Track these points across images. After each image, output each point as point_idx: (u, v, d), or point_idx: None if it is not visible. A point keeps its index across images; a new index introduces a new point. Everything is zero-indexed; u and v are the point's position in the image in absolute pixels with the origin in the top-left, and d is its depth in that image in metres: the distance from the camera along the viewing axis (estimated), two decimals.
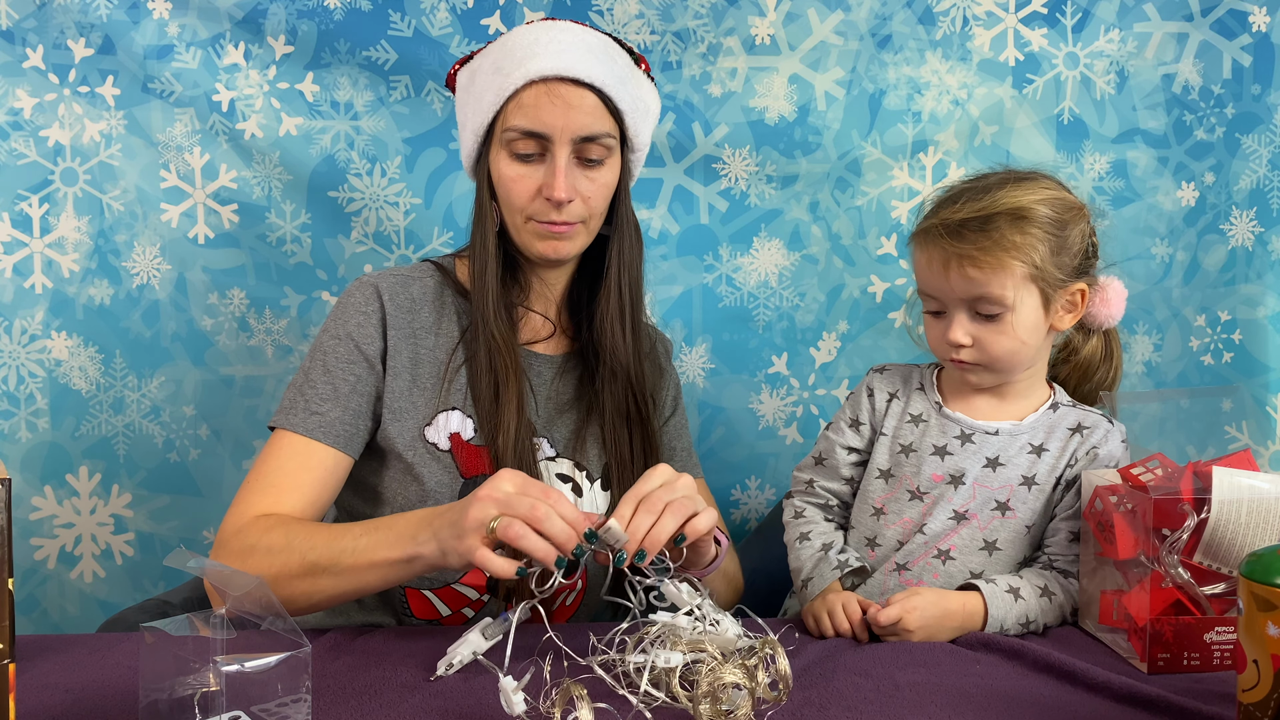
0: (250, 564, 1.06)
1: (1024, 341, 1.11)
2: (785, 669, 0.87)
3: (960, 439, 1.16)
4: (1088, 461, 1.13)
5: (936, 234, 1.09)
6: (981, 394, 1.18)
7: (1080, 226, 1.12)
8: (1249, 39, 1.79)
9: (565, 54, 1.19)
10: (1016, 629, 1.10)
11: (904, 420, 1.19)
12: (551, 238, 1.22)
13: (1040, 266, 1.08)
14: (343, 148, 1.71)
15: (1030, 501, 1.14)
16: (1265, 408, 1.83)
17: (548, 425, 1.29)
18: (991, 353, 1.11)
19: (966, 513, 1.14)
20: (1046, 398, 1.19)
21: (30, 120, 1.67)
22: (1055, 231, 1.09)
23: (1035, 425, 1.16)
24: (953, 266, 1.08)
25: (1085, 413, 1.17)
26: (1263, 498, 1.00)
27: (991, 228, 1.07)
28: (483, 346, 1.23)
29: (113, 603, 1.70)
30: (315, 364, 1.22)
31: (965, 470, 1.14)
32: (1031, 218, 1.08)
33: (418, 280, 1.29)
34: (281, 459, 1.17)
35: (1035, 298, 1.10)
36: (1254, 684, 0.78)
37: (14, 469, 1.68)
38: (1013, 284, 1.08)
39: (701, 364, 1.79)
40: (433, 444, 1.22)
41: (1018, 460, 1.14)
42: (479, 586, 1.25)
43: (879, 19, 1.76)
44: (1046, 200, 1.10)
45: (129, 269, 1.70)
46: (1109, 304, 1.18)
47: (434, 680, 0.95)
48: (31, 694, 0.92)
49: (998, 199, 1.08)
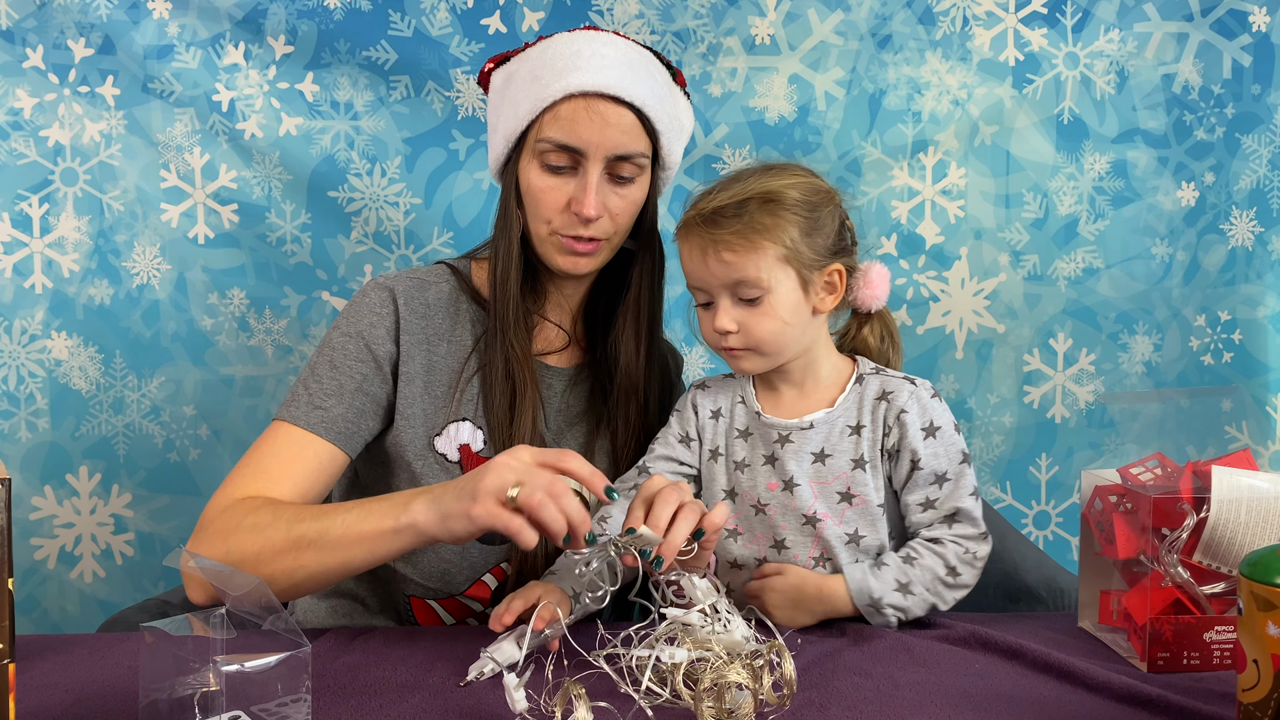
0: (234, 541, 1.04)
1: (786, 322, 1.12)
2: (791, 673, 0.87)
3: (780, 441, 1.16)
4: (898, 427, 1.13)
5: (694, 224, 1.12)
6: (785, 389, 1.19)
7: (829, 209, 1.14)
8: (1249, 39, 1.79)
9: (608, 70, 1.17)
10: (896, 598, 1.10)
11: (732, 436, 1.19)
12: (573, 254, 1.21)
13: (792, 247, 1.10)
14: (343, 148, 1.71)
15: (871, 481, 1.14)
16: (1265, 408, 1.83)
17: (558, 438, 1.28)
18: (756, 335, 1.12)
19: (816, 514, 1.14)
20: (850, 373, 1.19)
21: (30, 120, 1.67)
22: (806, 213, 1.11)
23: (846, 405, 1.16)
24: (710, 253, 1.11)
25: (887, 378, 1.17)
26: (1262, 497, 1.00)
27: (744, 212, 1.10)
28: (500, 357, 1.21)
29: (113, 603, 1.70)
30: (322, 359, 1.20)
31: (793, 473, 1.14)
32: (781, 200, 1.10)
33: (434, 285, 1.26)
34: (277, 447, 1.15)
35: (792, 279, 1.12)
36: (1254, 684, 0.78)
37: (14, 469, 1.68)
38: (766, 265, 1.10)
39: (701, 364, 1.79)
40: (442, 454, 1.21)
41: (841, 446, 1.15)
42: (483, 599, 1.24)
43: (879, 19, 1.76)
44: (796, 185, 1.12)
45: (129, 269, 1.71)
46: (872, 285, 1.19)
47: (464, 685, 0.95)
48: (31, 694, 0.92)
49: (749, 185, 1.11)
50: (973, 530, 1.12)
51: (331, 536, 1.01)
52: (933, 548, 1.12)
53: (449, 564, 1.23)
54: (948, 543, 1.12)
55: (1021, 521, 1.84)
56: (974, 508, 1.13)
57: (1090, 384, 1.83)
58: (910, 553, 1.12)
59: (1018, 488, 1.84)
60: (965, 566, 1.12)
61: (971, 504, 1.12)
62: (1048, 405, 1.83)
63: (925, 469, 1.12)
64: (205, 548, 1.06)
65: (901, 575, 1.10)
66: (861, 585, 1.10)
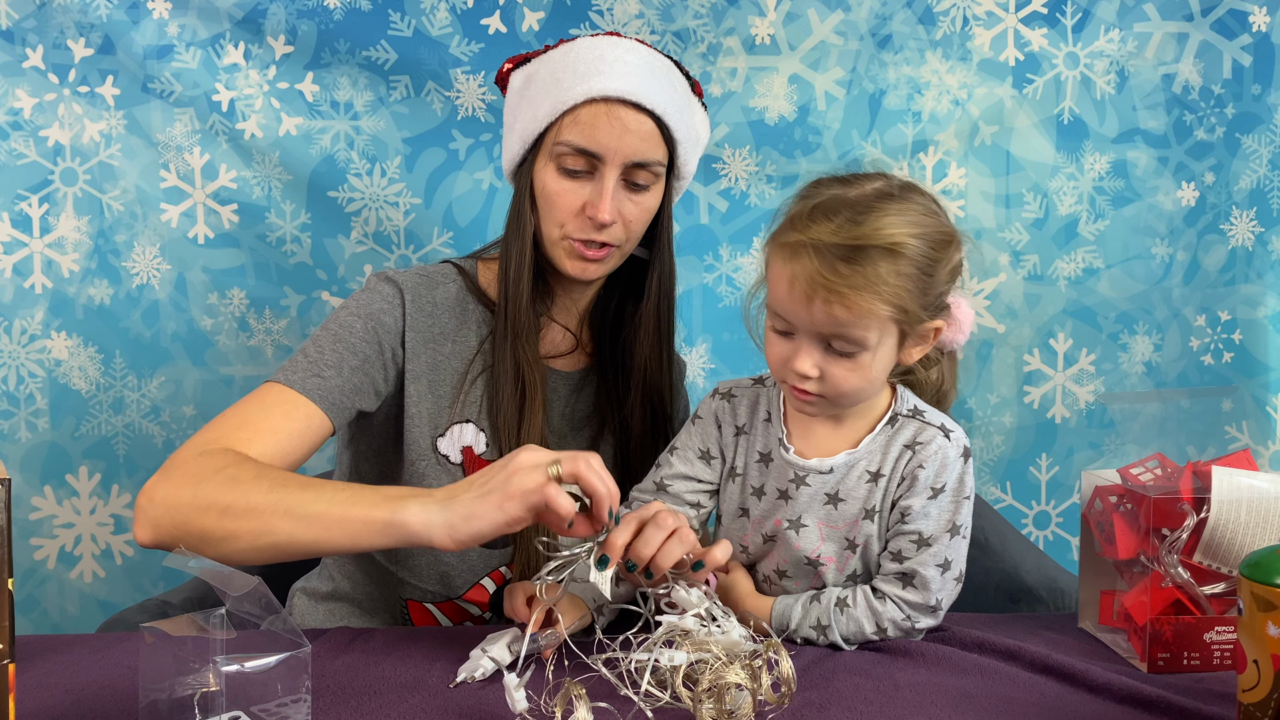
0: (205, 488, 0.99)
1: (874, 379, 1.03)
2: (789, 672, 0.87)
3: (795, 481, 1.07)
4: (910, 481, 1.05)
5: (803, 252, 0.97)
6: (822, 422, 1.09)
7: (952, 261, 1.03)
8: (1249, 39, 1.79)
9: (630, 76, 1.16)
10: (810, 634, 1.05)
11: (752, 459, 1.11)
12: (583, 259, 1.20)
13: (905, 307, 0.98)
14: (343, 148, 1.71)
15: (875, 530, 1.07)
16: (1265, 408, 1.83)
17: (561, 442, 1.28)
18: (839, 389, 1.01)
19: (819, 558, 1.07)
20: (886, 409, 1.09)
21: (30, 120, 1.67)
22: (926, 269, 0.99)
23: (871, 449, 1.07)
24: (818, 298, 0.97)
25: (923, 424, 1.07)
26: (1262, 497, 1.00)
27: (863, 260, 0.96)
28: (510, 360, 1.20)
29: (113, 603, 1.70)
30: (326, 334, 1.17)
31: (801, 514, 1.07)
32: (906, 254, 0.97)
33: (441, 284, 1.25)
34: (267, 403, 1.12)
35: (894, 337, 1.01)
36: (1254, 684, 0.78)
37: (14, 469, 1.68)
38: (876, 325, 0.98)
39: (702, 364, 1.79)
40: (444, 455, 1.21)
41: (856, 493, 1.06)
42: (481, 603, 1.24)
43: (879, 19, 1.76)
44: (923, 233, 0.99)
45: (129, 269, 1.71)
46: (958, 331, 1.09)
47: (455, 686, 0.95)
48: (31, 694, 0.92)
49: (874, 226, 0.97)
50: (920, 599, 1.04)
51: (313, 510, 0.96)
52: (871, 603, 1.05)
53: (448, 566, 1.23)
54: (889, 602, 1.05)
55: (1021, 521, 1.84)
56: (934, 578, 1.04)
57: (1090, 384, 1.83)
58: (848, 599, 1.05)
59: (1018, 488, 1.84)
60: (898, 632, 1.05)
61: (933, 574, 1.04)
62: (1048, 405, 1.83)
63: (909, 525, 1.04)
64: (169, 487, 1.00)
65: (824, 617, 1.05)
66: (782, 616, 1.06)
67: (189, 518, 0.98)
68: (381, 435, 1.24)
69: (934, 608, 1.05)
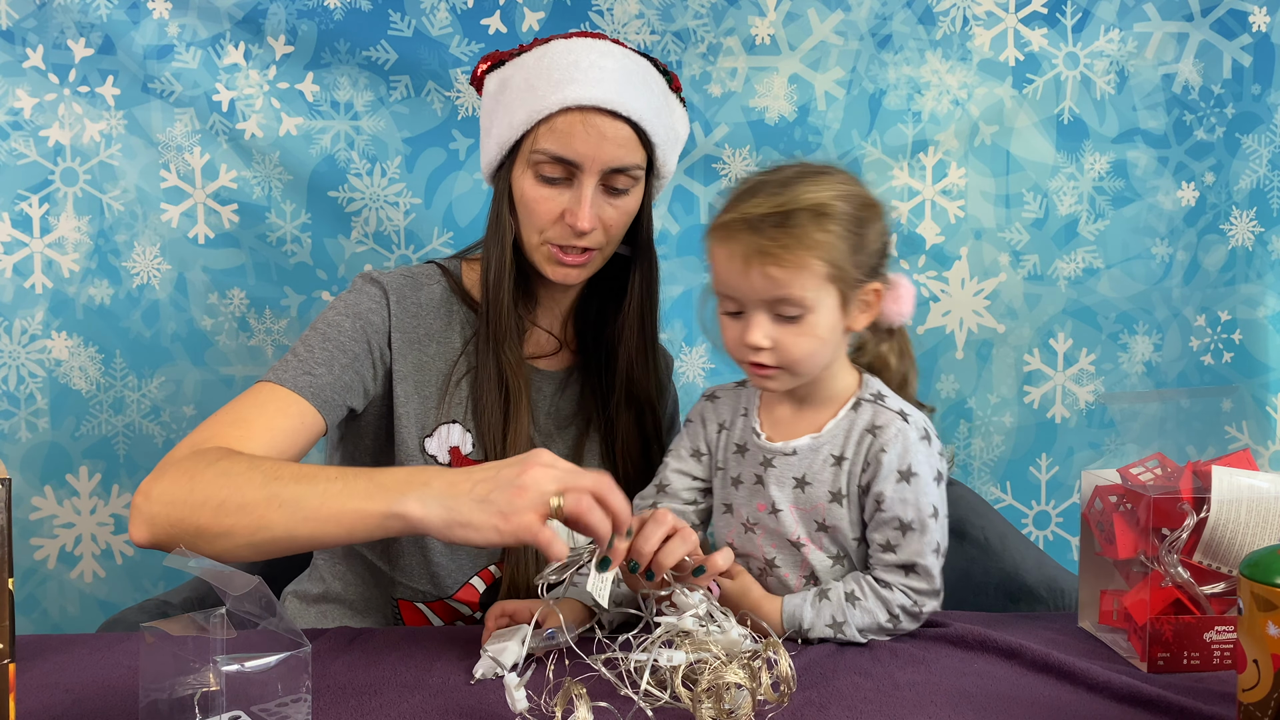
0: (199, 482, 0.98)
1: (823, 341, 1.06)
2: (788, 670, 0.87)
3: (764, 464, 1.11)
4: (874, 465, 1.08)
5: (737, 229, 1.04)
6: (787, 405, 1.13)
7: (878, 225, 1.08)
8: (1249, 39, 1.79)
9: (605, 83, 1.15)
10: (826, 632, 1.06)
11: (730, 452, 1.15)
12: (563, 265, 1.20)
13: (839, 265, 1.03)
14: (343, 148, 1.71)
15: (846, 516, 1.10)
16: (1265, 408, 1.83)
17: (546, 441, 1.28)
18: (791, 355, 1.05)
19: (799, 540, 1.10)
20: (850, 395, 1.12)
21: (30, 120, 1.67)
22: (854, 229, 1.04)
23: (834, 433, 1.10)
24: (754, 265, 1.02)
25: (881, 409, 1.10)
26: (1262, 497, 1.00)
27: (793, 223, 1.02)
28: (493, 364, 1.20)
29: (113, 603, 1.71)
30: (315, 334, 1.18)
31: (775, 498, 1.11)
32: (832, 213, 1.03)
33: (426, 285, 1.26)
34: (260, 400, 1.12)
35: (834, 298, 1.05)
36: (1254, 684, 0.78)
37: (14, 469, 1.68)
38: (813, 284, 1.03)
39: (702, 364, 1.79)
40: (432, 456, 1.21)
41: (822, 476, 1.10)
42: (472, 603, 1.24)
43: (879, 19, 1.76)
44: (845, 195, 1.05)
45: (129, 269, 1.71)
46: (900, 302, 1.13)
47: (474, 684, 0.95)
48: (31, 694, 0.92)
49: (797, 194, 1.03)
50: (925, 585, 1.08)
51: (308, 505, 0.95)
52: (879, 591, 1.07)
53: (438, 566, 1.23)
54: (896, 590, 1.07)
55: (1021, 521, 1.84)
56: (933, 565, 1.07)
57: (1090, 384, 1.83)
58: (856, 591, 1.07)
59: (1018, 488, 1.84)
60: (908, 617, 1.08)
61: (932, 561, 1.07)
62: (1048, 405, 1.83)
63: (888, 512, 1.07)
64: (165, 484, 1.00)
65: (839, 613, 1.06)
66: (794, 615, 1.07)
67: (184, 514, 0.97)
68: (371, 436, 1.24)
69: (937, 591, 1.09)
